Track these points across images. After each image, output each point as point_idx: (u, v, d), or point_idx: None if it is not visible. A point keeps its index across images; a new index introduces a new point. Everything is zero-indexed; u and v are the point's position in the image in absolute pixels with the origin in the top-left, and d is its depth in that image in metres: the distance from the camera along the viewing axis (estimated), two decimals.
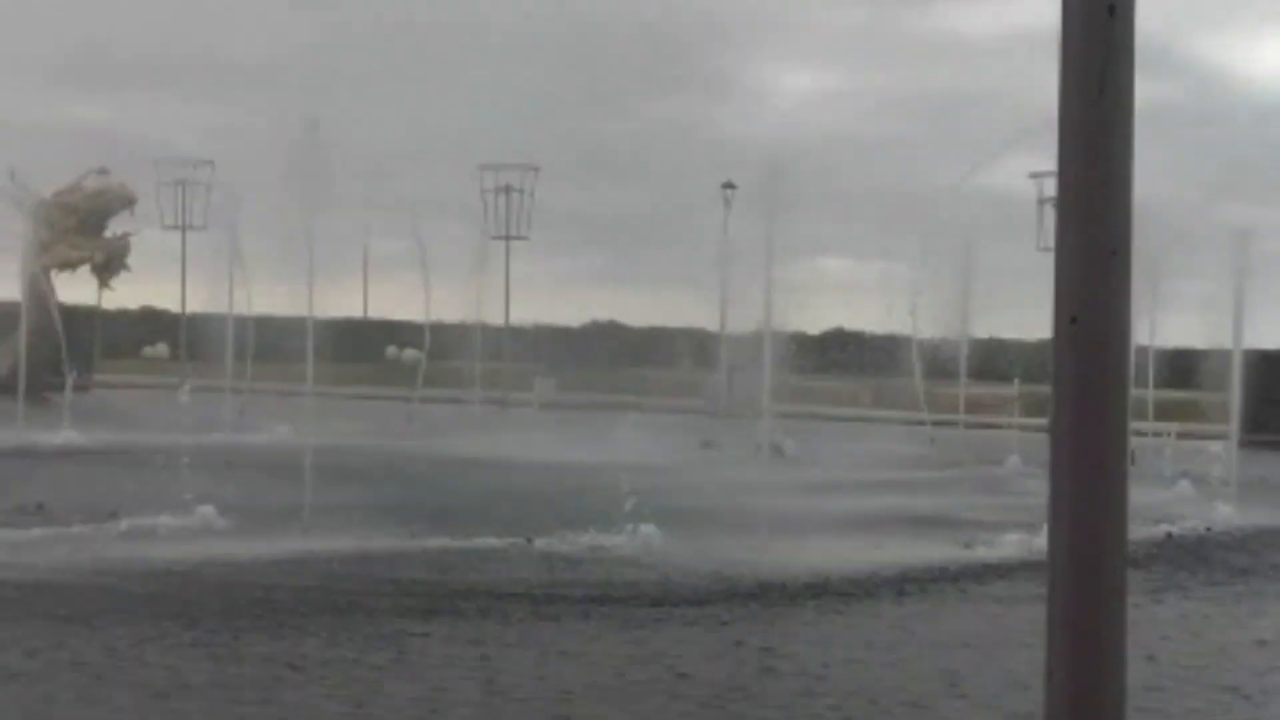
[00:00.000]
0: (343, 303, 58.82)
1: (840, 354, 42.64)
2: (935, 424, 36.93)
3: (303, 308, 23.44)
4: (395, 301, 56.39)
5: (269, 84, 58.49)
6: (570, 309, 58.82)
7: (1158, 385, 33.08)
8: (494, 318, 52.59)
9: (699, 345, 56.37)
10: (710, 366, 52.20)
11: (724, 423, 39.71)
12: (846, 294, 69.62)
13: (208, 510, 17.27)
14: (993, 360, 39.27)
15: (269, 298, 54.38)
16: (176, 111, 59.41)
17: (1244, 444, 25.87)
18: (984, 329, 40.79)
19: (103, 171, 46.65)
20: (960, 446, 33.29)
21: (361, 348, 56.94)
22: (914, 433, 37.43)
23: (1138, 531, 17.62)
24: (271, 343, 51.01)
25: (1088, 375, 2.27)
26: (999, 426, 36.64)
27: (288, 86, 58.47)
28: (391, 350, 65.79)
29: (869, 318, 52.40)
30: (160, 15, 46.79)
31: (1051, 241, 2.31)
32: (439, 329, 66.21)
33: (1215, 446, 25.61)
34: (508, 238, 52.30)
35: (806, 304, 50.28)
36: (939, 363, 36.31)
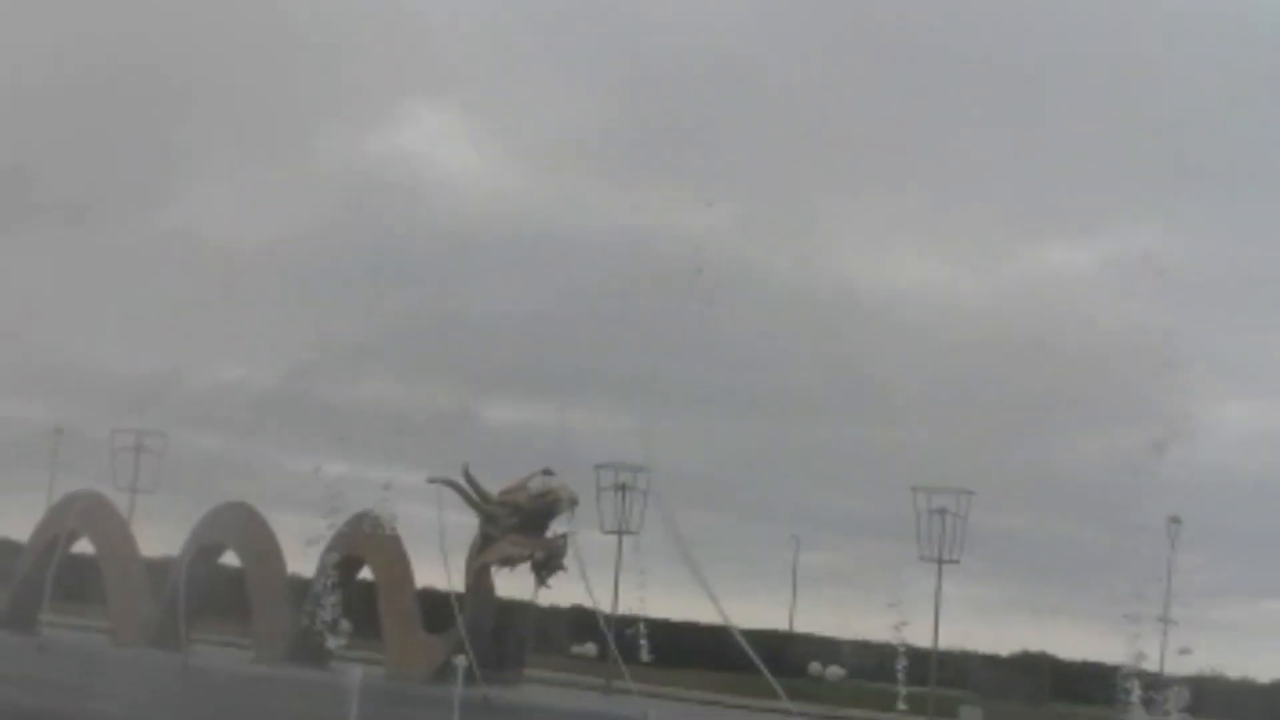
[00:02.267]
0: (770, 615, 58.85)
1: None
2: None
3: (733, 618, 23.41)
4: (821, 617, 55.97)
5: (702, 398, 60.06)
6: (1000, 637, 57.28)
7: None
8: (921, 640, 51.56)
9: (1136, 685, 53.83)
10: (1149, 709, 49.69)
11: None
12: None
13: None
14: None
15: (700, 605, 54.88)
16: (614, 418, 61.68)
17: None
18: None
19: (548, 473, 48.04)
20: None
21: (785, 662, 56.50)
22: None
23: None
24: (692, 650, 51.46)
25: None
26: None
27: (717, 401, 59.81)
28: (815, 666, 65.22)
29: None
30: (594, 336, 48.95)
31: None
32: (864, 648, 65.21)
33: None
34: (939, 560, 51.57)
35: (1254, 649, 47.98)
36: None
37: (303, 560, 49.70)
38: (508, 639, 47.62)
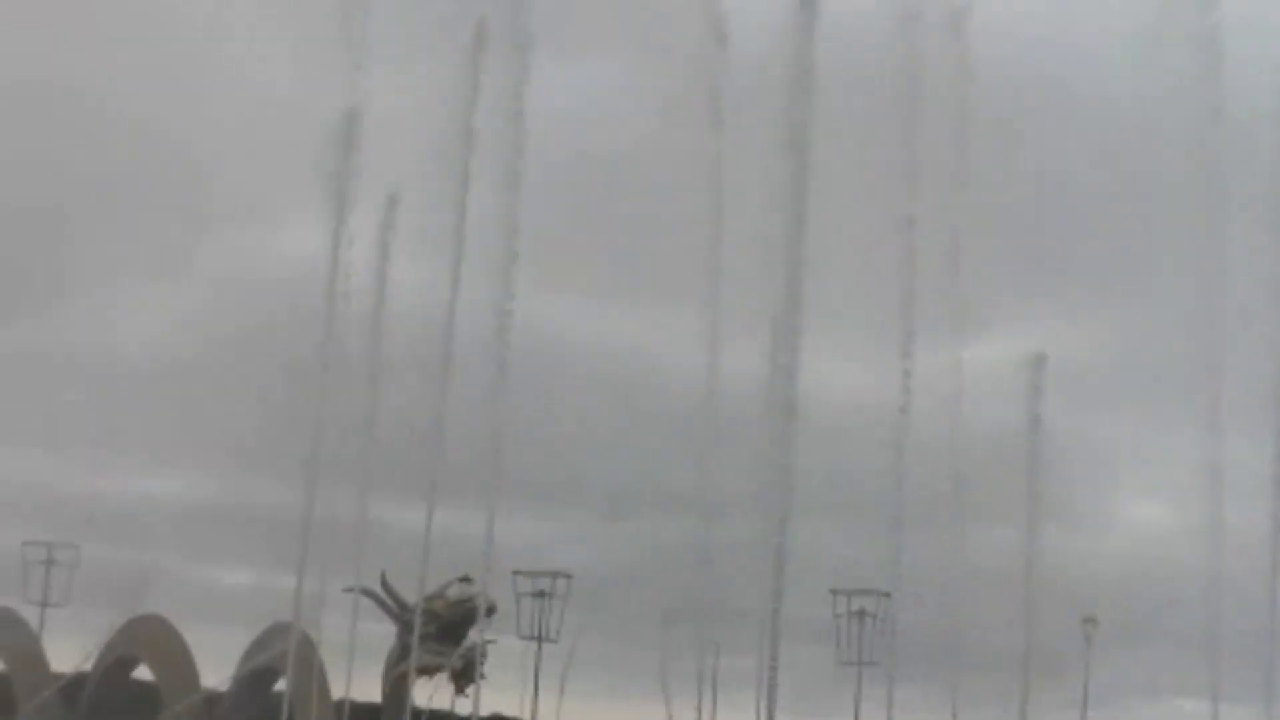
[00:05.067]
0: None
1: None
2: None
3: None
4: None
5: (624, 502, 59.98)
6: None
7: None
8: None
9: None
10: None
11: None
12: None
13: None
14: None
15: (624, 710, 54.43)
16: (536, 522, 61.29)
17: None
18: None
19: (466, 579, 47.74)
20: None
21: None
22: None
23: None
24: None
25: None
26: None
27: (636, 505, 59.73)
28: None
29: None
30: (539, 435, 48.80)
31: None
32: None
33: None
34: (860, 663, 51.60)
35: None
36: None
37: (217, 673, 49.03)
38: None
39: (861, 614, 51.70)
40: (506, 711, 60.25)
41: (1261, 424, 40.03)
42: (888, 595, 51.65)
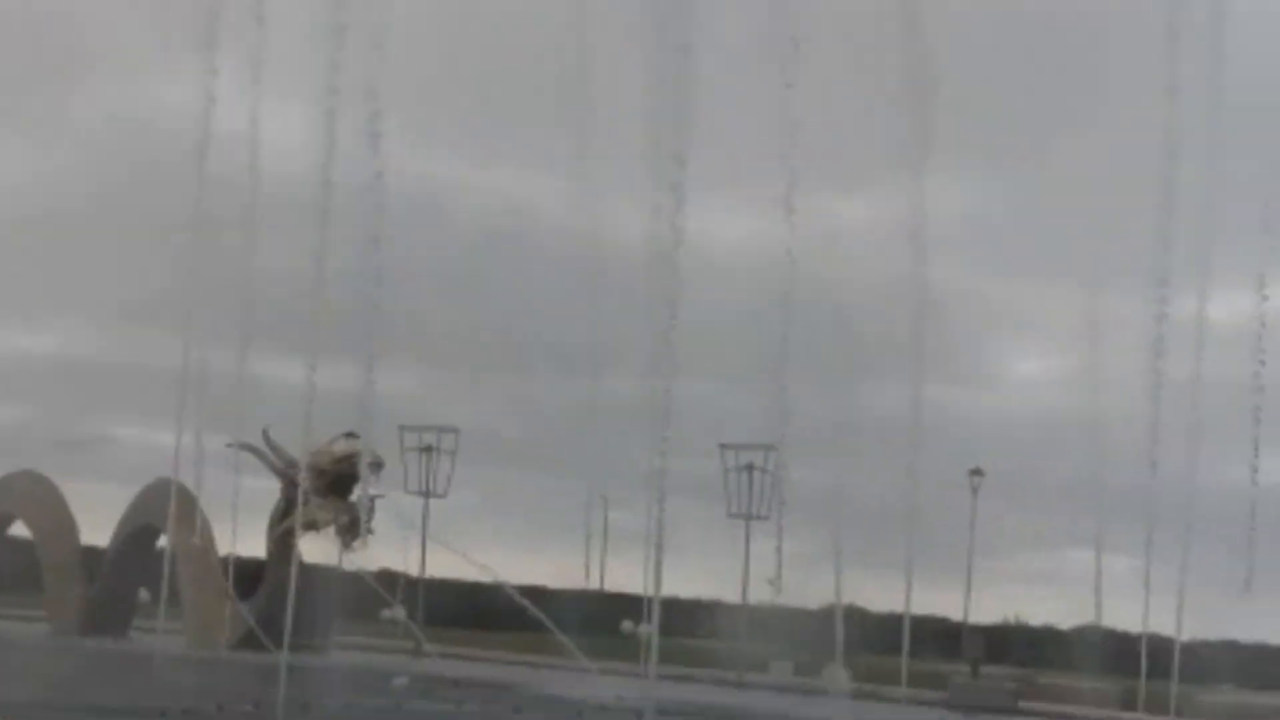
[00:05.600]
0: (577, 574, 58.62)
1: (1092, 652, 40.75)
2: None
3: (539, 577, 22.96)
4: (631, 576, 55.70)
5: (516, 354, 59.55)
6: (809, 591, 57.72)
7: None
8: (731, 597, 51.78)
9: (941, 634, 54.68)
10: (953, 657, 50.62)
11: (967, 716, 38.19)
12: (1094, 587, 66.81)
13: None
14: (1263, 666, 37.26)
15: (512, 564, 54.42)
16: (423, 377, 60.87)
17: None
18: (1255, 632, 38.84)
19: (352, 435, 47.27)
20: None
21: (595, 621, 56.40)
22: None
23: None
24: (506, 612, 51.25)
25: None
26: None
27: (522, 359, 59.30)
28: (626, 625, 65.20)
29: (1124, 615, 50.19)
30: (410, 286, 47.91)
31: None
32: (675, 605, 65.09)
33: None
34: (748, 517, 51.75)
35: (1057, 596, 48.94)
36: (1202, 667, 34.53)
37: (97, 530, 48.44)
38: (313, 605, 46.78)
39: (750, 468, 51.80)
40: (394, 566, 60.15)
41: (1142, 278, 39.96)
42: (774, 449, 51.83)
